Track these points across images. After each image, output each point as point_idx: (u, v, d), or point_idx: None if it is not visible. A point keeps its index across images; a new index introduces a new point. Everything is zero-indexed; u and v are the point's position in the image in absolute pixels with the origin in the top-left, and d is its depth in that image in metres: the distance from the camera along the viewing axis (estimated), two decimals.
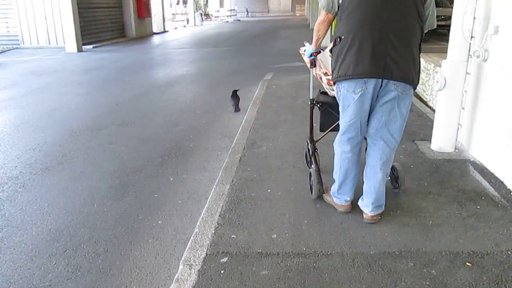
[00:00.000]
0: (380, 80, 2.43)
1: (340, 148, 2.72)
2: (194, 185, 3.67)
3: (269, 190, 3.20)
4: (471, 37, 3.67)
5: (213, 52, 13.84)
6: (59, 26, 15.03)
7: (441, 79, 3.73)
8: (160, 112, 6.22)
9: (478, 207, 2.89)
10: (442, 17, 15.09)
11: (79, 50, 14.23)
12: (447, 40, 3.89)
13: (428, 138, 4.11)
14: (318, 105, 3.15)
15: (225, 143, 4.66)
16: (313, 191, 3.02)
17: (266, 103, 5.87)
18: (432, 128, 4.01)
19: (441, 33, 15.07)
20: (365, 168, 2.73)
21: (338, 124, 2.75)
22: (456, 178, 3.35)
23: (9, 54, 13.96)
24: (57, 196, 3.51)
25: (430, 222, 2.71)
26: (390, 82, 2.42)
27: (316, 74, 3.13)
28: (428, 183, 3.25)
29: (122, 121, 5.70)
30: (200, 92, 7.72)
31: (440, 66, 3.99)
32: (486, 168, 3.50)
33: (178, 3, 34.96)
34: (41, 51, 14.37)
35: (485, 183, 3.25)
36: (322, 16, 2.60)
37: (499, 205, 2.91)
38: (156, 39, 19.67)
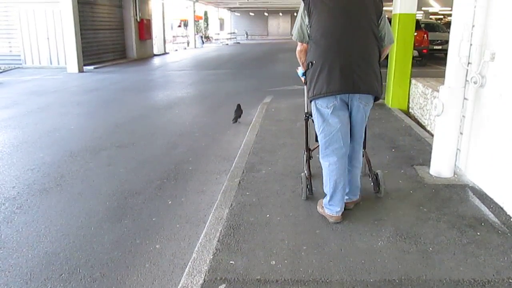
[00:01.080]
0: (348, 95, 2.85)
1: (327, 161, 3.01)
2: (193, 209, 3.65)
3: (268, 215, 3.18)
4: (468, 63, 3.72)
5: (213, 74, 13.96)
6: (61, 47, 15.20)
7: (439, 105, 3.76)
8: (160, 134, 6.23)
9: (478, 233, 2.87)
10: (439, 41, 15.39)
11: (80, 70, 14.35)
12: (444, 64, 3.94)
13: (427, 163, 4.12)
14: (312, 118, 3.40)
15: (224, 166, 4.66)
16: (302, 194, 3.45)
17: (265, 126, 5.89)
18: (430, 152, 4.02)
19: (438, 57, 15.35)
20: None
21: None
22: (455, 203, 3.34)
23: (11, 74, 14.06)
24: (54, 218, 3.48)
25: (430, 248, 2.69)
26: (356, 96, 2.84)
27: None
28: (428, 209, 3.24)
29: (121, 142, 5.71)
30: (199, 114, 7.75)
31: (437, 91, 4.03)
32: (486, 194, 3.49)
33: (179, 26, 35.45)
34: (42, 71, 14.48)
35: (484, 209, 3.24)
36: (299, 46, 3.04)
37: (499, 232, 2.89)
38: (156, 60, 19.86)
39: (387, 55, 7.34)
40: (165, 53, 23.87)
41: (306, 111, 3.57)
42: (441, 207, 3.28)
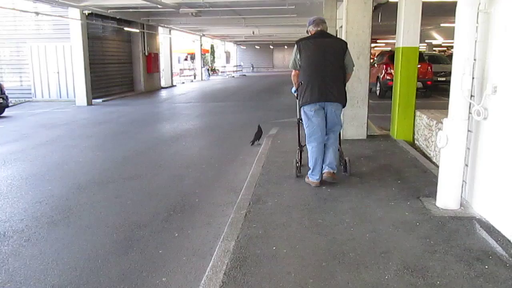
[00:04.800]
0: (323, 103, 4.44)
1: (311, 145, 4.58)
2: (199, 241, 3.66)
3: (274, 248, 3.18)
4: (471, 96, 3.78)
5: (219, 106, 14.14)
6: (70, 81, 15.56)
7: (443, 137, 3.79)
8: (167, 166, 6.29)
9: (486, 266, 2.85)
10: (443, 73, 15.55)
11: (89, 103, 14.61)
12: (448, 96, 3.98)
13: (433, 194, 4.11)
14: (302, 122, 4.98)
15: (230, 198, 4.68)
16: (295, 172, 4.92)
17: (271, 158, 5.93)
18: (436, 184, 4.02)
19: (442, 89, 15.48)
20: (325, 149, 4.64)
21: None
22: (462, 236, 3.33)
23: (21, 107, 14.34)
24: (62, 251, 3.51)
25: (438, 282, 2.67)
26: (328, 103, 4.45)
27: None
28: (434, 242, 3.23)
29: (128, 174, 5.76)
30: (206, 146, 7.83)
31: (442, 122, 4.07)
32: (493, 226, 3.48)
33: (186, 59, 36.10)
34: (52, 104, 14.76)
35: (492, 241, 3.22)
36: (293, 72, 4.70)
37: (507, 265, 2.87)
38: (164, 93, 20.18)
39: (392, 87, 7.51)
40: (172, 85, 24.28)
41: (298, 117, 4.96)
42: (448, 239, 3.27)
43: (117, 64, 18.65)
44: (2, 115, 12.13)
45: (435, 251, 3.08)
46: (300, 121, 4.92)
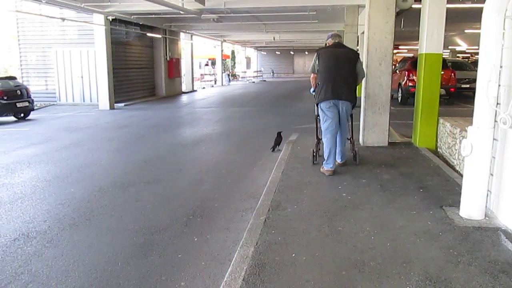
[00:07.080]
0: (337, 101, 5.19)
1: (326, 137, 5.32)
2: (218, 246, 3.66)
3: (293, 255, 3.15)
4: (497, 104, 3.69)
5: (239, 111, 14.18)
6: (94, 85, 15.85)
7: (468, 145, 3.71)
8: (187, 170, 6.33)
9: None
10: (466, 80, 15.27)
11: (111, 107, 14.84)
12: (472, 103, 3.90)
13: (456, 204, 4.03)
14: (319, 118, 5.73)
15: (249, 203, 4.68)
16: (311, 161, 5.77)
17: (291, 164, 5.91)
18: (460, 193, 3.93)
19: (466, 96, 15.21)
20: (336, 144, 5.41)
21: None
22: (487, 247, 3.24)
23: (46, 110, 14.66)
24: (83, 253, 3.55)
25: None
26: (341, 102, 5.21)
27: None
28: (458, 252, 3.15)
29: (149, 178, 5.82)
30: (225, 151, 7.86)
31: (466, 130, 3.99)
32: None
33: (206, 64, 36.39)
34: (75, 108, 15.06)
35: None
36: (311, 75, 5.46)
37: None
38: (184, 98, 20.36)
39: (414, 94, 7.42)
40: (193, 90, 24.48)
41: (316, 113, 5.76)
42: (472, 250, 3.18)
43: (139, 69, 18.92)
44: (28, 118, 12.45)
45: (459, 262, 3.00)
46: (318, 117, 5.73)
